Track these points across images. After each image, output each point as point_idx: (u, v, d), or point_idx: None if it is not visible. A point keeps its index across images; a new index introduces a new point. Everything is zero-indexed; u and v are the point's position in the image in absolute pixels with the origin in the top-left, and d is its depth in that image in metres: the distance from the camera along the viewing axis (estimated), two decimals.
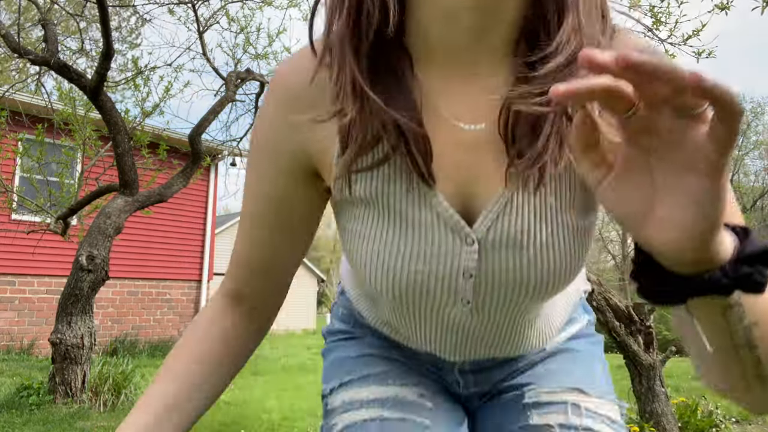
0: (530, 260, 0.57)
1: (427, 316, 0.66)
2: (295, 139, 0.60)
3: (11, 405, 4.24)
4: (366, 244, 0.60)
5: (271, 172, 0.63)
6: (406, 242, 0.58)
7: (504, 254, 0.58)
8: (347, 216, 0.63)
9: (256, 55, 6.17)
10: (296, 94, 0.59)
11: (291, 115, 0.58)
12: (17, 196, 6.14)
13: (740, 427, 4.33)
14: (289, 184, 0.63)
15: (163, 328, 10.30)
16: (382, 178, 0.58)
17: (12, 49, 4.44)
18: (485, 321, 0.65)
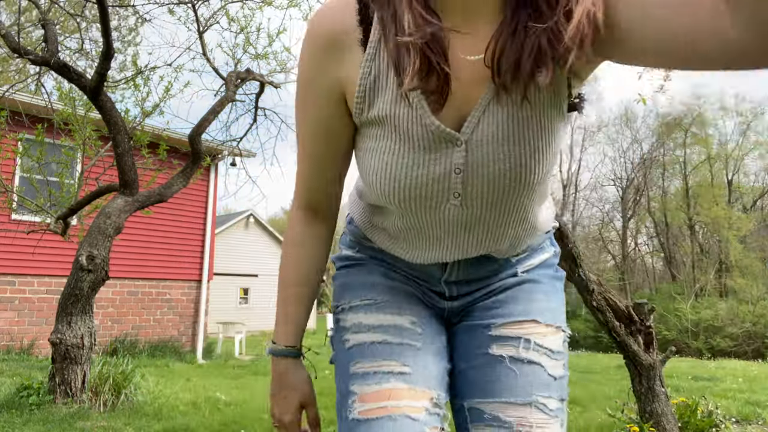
0: (506, 154, 0.73)
1: (426, 217, 0.81)
2: (331, 73, 0.76)
3: (11, 405, 4.24)
4: (377, 157, 0.77)
5: (319, 99, 0.79)
6: (408, 153, 0.75)
7: (485, 149, 0.73)
8: (363, 136, 0.80)
9: (256, 55, 6.17)
10: (324, 39, 0.75)
11: (326, 55, 0.76)
12: (17, 196, 6.14)
13: (740, 427, 4.33)
14: (331, 106, 0.79)
15: (163, 328, 10.31)
16: (391, 101, 0.74)
17: (12, 49, 4.44)
18: (474, 214, 0.80)
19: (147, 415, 4.35)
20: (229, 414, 4.62)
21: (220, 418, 4.43)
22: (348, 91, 0.77)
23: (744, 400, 5.35)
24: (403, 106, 0.73)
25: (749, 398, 5.44)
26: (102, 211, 4.77)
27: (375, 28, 0.72)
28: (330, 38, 0.75)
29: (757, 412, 4.77)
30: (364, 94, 0.75)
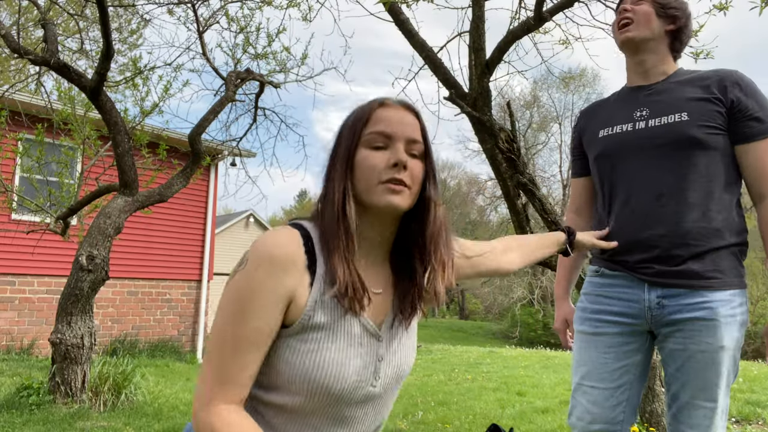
0: (403, 348, 1.11)
1: (337, 405, 1.01)
2: (286, 285, 0.95)
3: (11, 405, 4.24)
4: (320, 355, 0.97)
5: (269, 307, 0.94)
6: (348, 348, 1.00)
7: (393, 344, 1.08)
8: (297, 341, 0.97)
9: (256, 55, 6.17)
10: (283, 259, 0.95)
11: (283, 271, 0.95)
12: (17, 195, 6.14)
13: (740, 427, 4.34)
14: (277, 313, 0.95)
15: (163, 328, 10.31)
16: (334, 310, 0.99)
17: (12, 49, 4.44)
18: (379, 395, 1.06)
19: (147, 415, 4.35)
20: None
21: None
22: (295, 303, 0.96)
23: (744, 400, 5.34)
24: (349, 315, 1.00)
25: (749, 398, 5.43)
26: (102, 211, 4.77)
27: (319, 261, 0.98)
28: (287, 258, 0.96)
29: (757, 412, 4.77)
30: (314, 305, 0.97)
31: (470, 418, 4.73)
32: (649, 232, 1.56)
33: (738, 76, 1.57)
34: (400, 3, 4.04)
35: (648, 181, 1.57)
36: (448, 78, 3.95)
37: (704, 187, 1.54)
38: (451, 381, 7.46)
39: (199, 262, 10.91)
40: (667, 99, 1.62)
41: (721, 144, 1.55)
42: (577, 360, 1.71)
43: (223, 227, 20.72)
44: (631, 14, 1.65)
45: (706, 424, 1.54)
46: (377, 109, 1.03)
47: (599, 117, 1.77)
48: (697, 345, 1.52)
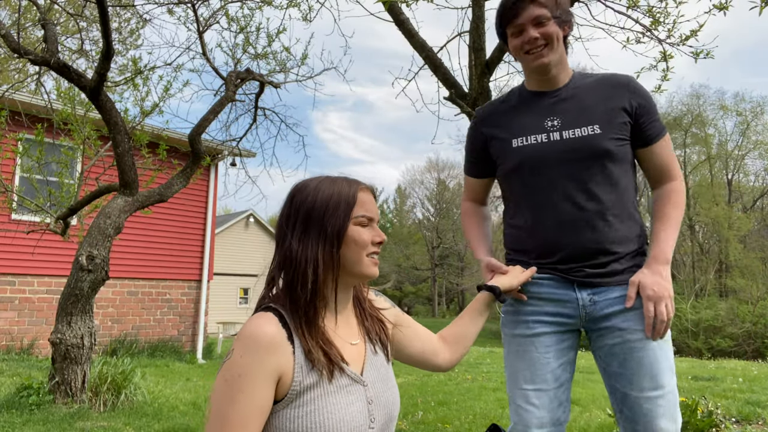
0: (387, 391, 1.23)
1: None
2: (273, 363, 1.06)
3: (11, 405, 4.24)
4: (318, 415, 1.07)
5: (260, 385, 1.05)
6: (341, 398, 1.11)
7: (377, 386, 1.20)
8: (295, 406, 1.08)
9: (256, 55, 6.17)
10: (266, 340, 1.07)
11: (268, 352, 1.06)
12: (17, 195, 6.14)
13: (740, 427, 4.33)
14: (269, 390, 1.06)
15: (163, 328, 10.31)
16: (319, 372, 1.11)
17: (12, 49, 4.44)
18: None
19: (147, 415, 4.36)
20: None
21: None
22: (285, 375, 1.08)
23: (744, 400, 5.34)
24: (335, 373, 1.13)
25: (749, 398, 5.43)
26: (102, 211, 4.77)
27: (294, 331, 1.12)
28: (270, 340, 1.07)
29: (757, 412, 4.77)
30: (300, 371, 1.09)
31: (470, 418, 4.73)
32: (576, 242, 1.65)
33: (635, 83, 1.68)
34: (400, 3, 4.05)
35: (569, 192, 1.64)
36: (448, 78, 3.95)
37: (619, 197, 1.66)
38: (451, 381, 7.46)
39: (199, 262, 10.91)
40: (574, 108, 1.66)
41: (628, 154, 1.67)
42: (515, 365, 1.71)
43: (223, 227, 20.72)
44: (541, 40, 1.62)
45: (661, 413, 1.58)
46: (359, 192, 1.21)
47: (506, 124, 1.75)
48: (632, 334, 1.60)
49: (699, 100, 31.73)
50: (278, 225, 1.22)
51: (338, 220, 1.16)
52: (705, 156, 31.93)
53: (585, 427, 4.25)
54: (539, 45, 1.62)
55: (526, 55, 1.65)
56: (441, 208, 45.77)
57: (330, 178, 1.23)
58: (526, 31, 1.62)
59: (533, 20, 1.61)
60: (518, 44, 1.66)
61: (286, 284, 1.15)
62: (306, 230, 1.16)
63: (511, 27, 1.65)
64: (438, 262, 44.60)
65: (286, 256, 1.16)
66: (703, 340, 23.27)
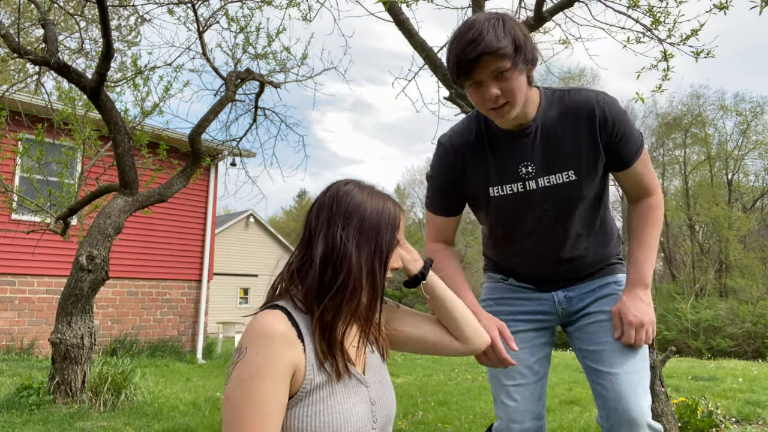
0: (386, 392, 1.23)
1: None
2: (287, 358, 1.06)
3: (11, 405, 4.24)
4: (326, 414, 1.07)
5: (276, 381, 1.04)
6: (349, 397, 1.12)
7: (378, 389, 1.21)
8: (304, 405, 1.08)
9: (256, 54, 6.17)
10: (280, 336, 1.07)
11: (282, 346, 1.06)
12: (17, 195, 6.14)
13: (740, 427, 4.33)
14: (285, 385, 1.06)
15: (163, 328, 10.31)
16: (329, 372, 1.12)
17: (12, 49, 4.44)
18: None
19: (147, 415, 4.36)
20: None
21: (220, 418, 4.42)
22: (298, 371, 1.08)
23: (744, 400, 5.34)
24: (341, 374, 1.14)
25: (749, 398, 5.43)
26: (102, 211, 4.77)
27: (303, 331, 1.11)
28: (282, 335, 1.07)
29: (757, 412, 4.77)
30: (312, 369, 1.09)
31: (470, 418, 4.73)
32: (552, 276, 1.74)
33: (598, 109, 1.53)
34: (400, 3, 4.05)
35: (546, 240, 1.67)
36: (448, 78, 3.95)
37: (597, 229, 1.70)
38: (451, 381, 7.46)
39: (199, 262, 10.91)
40: (545, 151, 1.57)
41: (604, 189, 1.68)
42: None
43: (223, 227, 20.72)
44: (503, 98, 1.43)
45: (630, 388, 1.57)
46: (400, 215, 1.21)
47: (480, 166, 1.63)
48: (604, 315, 1.66)
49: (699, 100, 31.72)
50: (317, 217, 1.15)
51: (390, 242, 1.16)
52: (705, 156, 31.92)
53: (585, 427, 4.24)
54: (501, 104, 1.44)
55: (488, 111, 1.49)
56: None
57: (375, 191, 1.19)
58: (486, 87, 1.42)
59: (492, 74, 1.41)
60: (478, 100, 1.48)
61: (326, 282, 1.10)
62: (361, 238, 1.12)
63: (469, 80, 1.45)
64: None
65: (335, 256, 1.10)
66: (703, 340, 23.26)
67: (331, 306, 1.10)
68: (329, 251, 1.11)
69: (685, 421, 3.87)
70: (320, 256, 1.10)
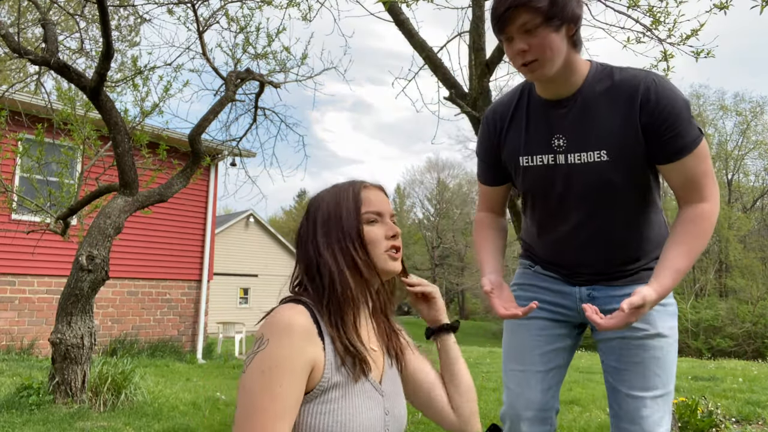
0: (399, 404, 1.20)
1: None
2: (307, 354, 1.05)
3: (11, 405, 4.24)
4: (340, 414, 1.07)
5: (295, 376, 1.02)
6: (363, 402, 1.10)
7: (392, 400, 1.18)
8: (319, 402, 1.06)
9: (256, 54, 6.17)
10: (302, 330, 1.06)
11: (303, 340, 1.04)
12: (17, 196, 6.14)
13: (740, 427, 4.33)
14: (303, 381, 1.04)
15: (163, 328, 10.31)
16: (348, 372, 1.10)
17: (12, 49, 4.44)
18: None
19: (147, 415, 4.35)
20: (229, 414, 4.63)
21: (220, 418, 4.43)
22: (316, 367, 1.06)
23: (744, 400, 5.34)
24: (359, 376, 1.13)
25: (749, 398, 5.43)
26: (102, 211, 4.77)
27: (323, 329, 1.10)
28: (303, 329, 1.06)
29: (757, 412, 4.77)
30: (330, 367, 1.07)
31: None
32: (578, 262, 1.62)
33: (650, 90, 1.41)
34: (400, 3, 4.05)
35: (571, 219, 1.57)
36: (448, 78, 3.95)
37: (629, 222, 1.55)
38: None
39: (199, 262, 10.91)
40: (581, 125, 1.48)
41: (642, 178, 1.51)
42: (508, 345, 1.71)
43: (223, 227, 20.72)
44: (531, 55, 1.39)
45: (647, 415, 1.51)
46: (362, 191, 1.20)
47: (516, 134, 1.60)
48: (633, 332, 1.53)
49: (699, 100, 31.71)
50: (297, 238, 1.23)
51: (348, 221, 1.17)
52: None
53: (585, 427, 4.24)
54: (528, 60, 1.40)
55: (519, 67, 1.45)
56: (441, 208, 45.77)
57: (335, 185, 1.24)
58: (515, 41, 1.40)
59: (521, 28, 1.37)
60: (510, 55, 1.46)
61: (315, 291, 1.15)
62: (327, 237, 1.17)
63: (502, 35, 1.44)
64: (438, 262, 44.59)
65: (313, 265, 1.16)
66: (703, 340, 23.26)
67: (331, 308, 1.13)
68: (309, 262, 1.17)
69: (685, 421, 3.87)
70: (304, 270, 1.18)
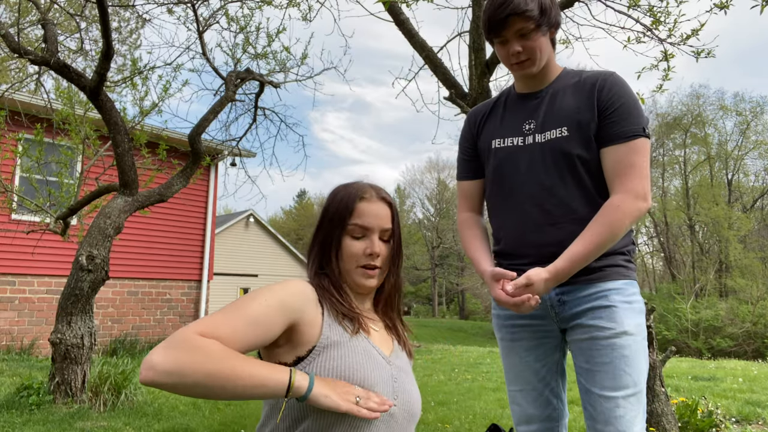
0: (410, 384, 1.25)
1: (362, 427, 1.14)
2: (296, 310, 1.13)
3: (11, 405, 4.24)
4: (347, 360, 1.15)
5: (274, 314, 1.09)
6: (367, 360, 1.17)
7: (402, 377, 1.23)
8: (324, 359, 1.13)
9: (256, 54, 6.17)
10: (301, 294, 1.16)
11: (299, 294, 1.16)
12: (17, 196, 6.14)
13: (740, 427, 4.33)
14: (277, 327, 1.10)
15: (163, 328, 10.31)
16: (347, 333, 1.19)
17: (12, 49, 4.44)
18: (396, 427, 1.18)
19: (147, 415, 4.35)
20: (229, 414, 4.63)
21: (220, 418, 4.43)
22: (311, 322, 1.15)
23: (744, 400, 5.34)
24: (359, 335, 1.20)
25: (749, 398, 5.43)
26: (102, 211, 4.77)
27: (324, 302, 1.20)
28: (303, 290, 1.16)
29: (757, 412, 4.77)
30: (328, 329, 1.16)
31: (470, 418, 4.73)
32: (540, 243, 1.64)
33: (608, 80, 1.63)
34: (400, 3, 4.04)
35: (536, 195, 1.65)
36: (448, 78, 3.95)
37: (591, 200, 1.62)
38: (451, 381, 7.46)
39: (199, 262, 10.90)
40: (550, 110, 1.68)
41: (598, 154, 1.63)
42: (505, 367, 1.81)
43: (223, 227, 20.71)
44: (524, 55, 1.63)
45: (620, 414, 1.53)
46: (359, 203, 1.25)
47: (491, 124, 1.80)
48: (600, 332, 1.58)
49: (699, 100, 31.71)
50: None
51: (333, 229, 1.26)
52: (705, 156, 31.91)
53: (585, 427, 4.24)
54: (522, 60, 1.64)
55: (511, 66, 1.69)
56: (441, 208, 45.77)
57: (348, 184, 1.30)
58: (510, 43, 1.63)
59: (517, 33, 1.61)
60: (503, 55, 1.68)
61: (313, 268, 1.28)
62: (320, 231, 1.28)
63: (498, 38, 1.66)
64: (438, 262, 44.59)
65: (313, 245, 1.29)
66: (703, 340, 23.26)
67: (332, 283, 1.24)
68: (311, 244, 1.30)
69: (685, 421, 3.87)
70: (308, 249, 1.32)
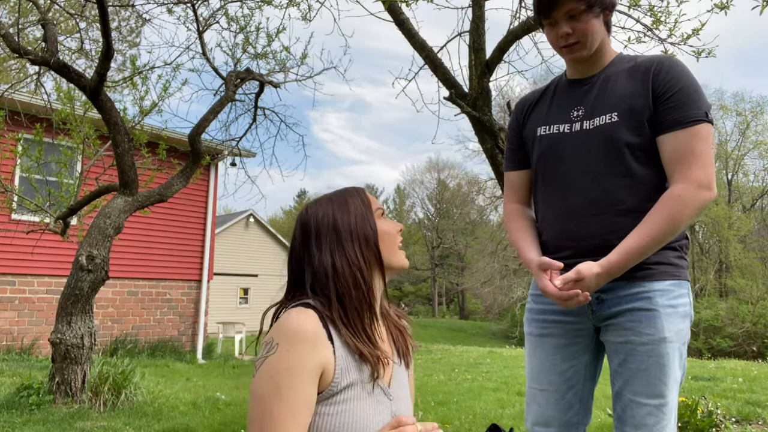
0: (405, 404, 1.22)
1: None
2: (316, 358, 1.05)
3: (11, 405, 4.24)
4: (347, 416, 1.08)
5: (304, 381, 1.03)
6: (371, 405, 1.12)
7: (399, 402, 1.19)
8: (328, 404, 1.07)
9: (256, 54, 6.16)
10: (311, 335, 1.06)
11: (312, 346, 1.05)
12: (17, 196, 6.13)
13: (740, 427, 4.33)
14: (312, 385, 1.05)
15: (163, 328, 10.30)
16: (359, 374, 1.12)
17: (12, 49, 4.43)
18: None
19: (147, 415, 4.35)
20: (229, 414, 4.62)
21: (220, 418, 4.43)
22: (326, 371, 1.07)
23: (744, 400, 5.34)
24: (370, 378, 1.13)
25: (749, 398, 5.43)
26: (102, 211, 4.77)
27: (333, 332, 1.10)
28: (313, 335, 1.06)
29: (757, 412, 4.77)
30: (341, 372, 1.08)
31: (470, 418, 4.73)
32: (583, 235, 1.56)
33: (663, 64, 1.54)
34: (400, 3, 4.04)
35: (581, 184, 1.57)
36: (448, 78, 3.95)
37: (638, 190, 1.53)
38: (451, 381, 7.46)
39: (199, 262, 10.90)
40: (600, 96, 1.60)
41: (650, 149, 1.53)
42: (529, 362, 1.72)
43: (223, 227, 20.71)
44: (573, 38, 1.57)
45: (651, 423, 1.47)
46: (363, 194, 1.25)
47: (538, 111, 1.74)
48: (638, 336, 1.49)
49: None
50: (294, 252, 1.20)
51: (367, 219, 1.19)
52: None
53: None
54: (571, 43, 1.57)
55: (561, 49, 1.62)
56: (441, 208, 45.76)
57: (327, 195, 1.25)
58: (560, 25, 1.57)
59: (567, 14, 1.54)
60: (552, 38, 1.62)
61: (326, 296, 1.14)
62: (339, 241, 1.16)
63: (547, 20, 1.59)
64: (438, 262, 44.59)
65: (322, 271, 1.15)
66: (703, 340, 23.26)
67: (350, 312, 1.13)
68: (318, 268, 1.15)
69: (685, 421, 3.87)
70: (312, 276, 1.16)
